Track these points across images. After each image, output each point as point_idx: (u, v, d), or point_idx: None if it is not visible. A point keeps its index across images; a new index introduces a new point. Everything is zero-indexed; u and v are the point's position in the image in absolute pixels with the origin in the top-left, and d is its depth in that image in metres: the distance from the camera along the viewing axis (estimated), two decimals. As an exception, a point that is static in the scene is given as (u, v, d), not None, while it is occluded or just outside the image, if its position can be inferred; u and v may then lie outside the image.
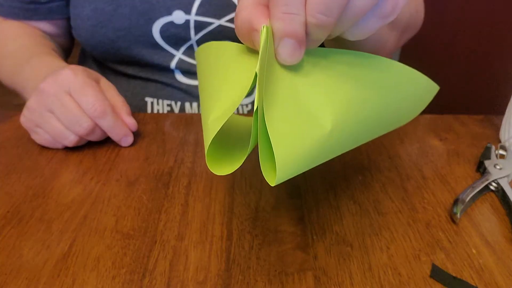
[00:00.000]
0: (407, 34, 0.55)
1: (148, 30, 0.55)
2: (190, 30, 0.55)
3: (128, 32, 0.55)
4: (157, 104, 0.60)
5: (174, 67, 0.58)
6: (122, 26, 0.55)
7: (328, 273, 0.31)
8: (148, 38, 0.55)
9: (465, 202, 0.37)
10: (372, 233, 0.35)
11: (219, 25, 0.55)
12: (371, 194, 0.40)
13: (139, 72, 0.60)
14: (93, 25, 0.55)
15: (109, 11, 0.54)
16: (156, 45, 0.56)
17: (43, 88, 0.43)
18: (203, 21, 0.55)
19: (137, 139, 0.48)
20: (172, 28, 0.55)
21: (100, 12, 0.54)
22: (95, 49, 0.58)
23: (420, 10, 0.55)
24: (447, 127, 0.52)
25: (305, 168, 0.25)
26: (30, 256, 0.33)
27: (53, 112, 0.43)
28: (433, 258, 0.33)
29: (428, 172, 0.43)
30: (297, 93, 0.25)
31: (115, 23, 0.54)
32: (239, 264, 0.32)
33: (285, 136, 0.23)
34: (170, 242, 0.34)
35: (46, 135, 0.44)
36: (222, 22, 0.55)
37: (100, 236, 0.34)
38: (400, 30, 0.51)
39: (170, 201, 0.38)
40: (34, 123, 0.44)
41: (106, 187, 0.40)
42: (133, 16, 0.54)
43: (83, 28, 0.57)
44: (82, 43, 0.60)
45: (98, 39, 0.56)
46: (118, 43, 0.56)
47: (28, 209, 0.37)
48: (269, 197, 0.39)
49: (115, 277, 0.31)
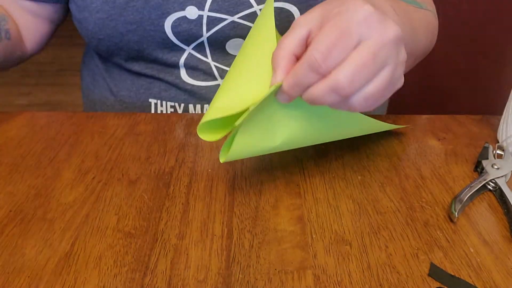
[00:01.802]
0: (419, 59, 0.55)
1: (160, 24, 0.54)
2: (203, 26, 0.54)
3: (139, 26, 0.54)
4: (161, 106, 0.60)
5: (182, 63, 0.58)
6: (133, 19, 0.53)
7: (327, 272, 0.32)
8: (159, 33, 0.55)
9: (463, 201, 0.38)
10: (371, 232, 0.36)
11: (232, 21, 0.54)
12: (370, 194, 0.40)
13: (145, 69, 0.59)
14: (102, 17, 0.54)
15: (121, 3, 0.53)
16: (166, 39, 0.55)
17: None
18: (216, 17, 0.54)
19: (139, 139, 0.48)
20: (184, 23, 0.54)
21: (111, 5, 0.53)
22: (101, 43, 0.57)
23: (434, 40, 0.55)
24: (445, 127, 0.52)
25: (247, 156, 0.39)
26: (32, 255, 0.33)
27: None
28: (431, 257, 0.33)
29: (426, 171, 0.44)
30: (272, 117, 0.36)
31: (126, 16, 0.53)
32: (239, 263, 0.32)
33: (248, 135, 0.36)
34: (171, 241, 0.34)
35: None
36: (235, 18, 0.54)
37: (101, 235, 0.35)
38: (414, 58, 0.51)
39: (171, 200, 0.39)
40: None
41: (107, 186, 0.41)
42: (146, 10, 0.53)
43: (91, 21, 0.55)
44: (87, 37, 0.58)
45: (107, 32, 0.55)
46: (128, 36, 0.55)
47: (30, 208, 0.38)
48: (269, 196, 0.40)
49: (116, 275, 0.31)
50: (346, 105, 0.32)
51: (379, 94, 0.31)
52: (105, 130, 0.50)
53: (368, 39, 0.30)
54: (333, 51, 0.29)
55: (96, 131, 0.50)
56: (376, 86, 0.31)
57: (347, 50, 0.30)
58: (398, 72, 0.32)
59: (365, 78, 0.30)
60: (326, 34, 0.30)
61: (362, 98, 0.31)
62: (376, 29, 0.30)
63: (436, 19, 0.56)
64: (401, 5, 0.45)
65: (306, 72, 0.30)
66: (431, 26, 0.52)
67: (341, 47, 0.30)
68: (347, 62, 0.30)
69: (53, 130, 0.50)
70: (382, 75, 0.31)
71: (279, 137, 0.37)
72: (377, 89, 0.31)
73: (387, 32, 0.30)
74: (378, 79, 0.31)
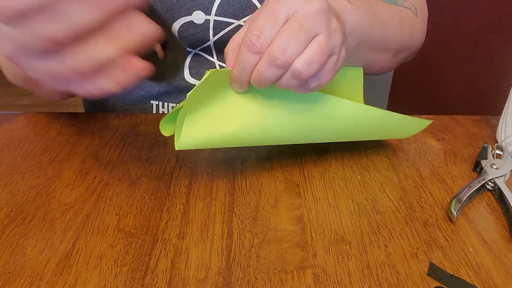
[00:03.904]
0: (402, 54, 0.55)
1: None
2: (209, 31, 0.55)
3: None
4: (162, 107, 0.61)
5: (187, 65, 0.58)
6: None
7: (327, 271, 0.32)
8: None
9: (462, 201, 0.38)
10: (371, 231, 0.36)
11: (238, 25, 0.55)
12: (369, 193, 0.40)
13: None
14: None
15: None
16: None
17: None
18: (223, 21, 0.55)
19: (139, 139, 0.49)
20: (191, 27, 0.55)
21: None
22: None
23: (416, 36, 0.55)
24: (444, 127, 0.52)
25: (206, 146, 0.38)
26: (33, 255, 0.33)
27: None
28: (430, 256, 0.34)
29: (426, 171, 0.44)
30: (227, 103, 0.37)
31: None
32: (239, 262, 0.33)
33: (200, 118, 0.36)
34: (171, 241, 0.34)
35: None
36: (241, 22, 0.55)
37: (102, 235, 0.35)
38: (392, 53, 0.52)
39: (172, 200, 0.39)
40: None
41: (108, 186, 0.41)
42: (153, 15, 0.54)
43: None
44: None
45: None
46: None
47: (31, 208, 0.38)
48: (269, 196, 0.40)
49: (117, 275, 0.31)
50: (293, 77, 0.33)
51: (319, 59, 0.33)
52: (105, 130, 0.50)
53: (294, 13, 0.33)
54: (264, 31, 0.32)
55: (96, 132, 0.50)
56: (312, 51, 0.33)
57: (276, 27, 0.32)
58: (334, 39, 0.34)
59: (297, 46, 0.32)
60: (257, 19, 0.33)
61: (303, 63, 0.32)
62: (300, 5, 0.33)
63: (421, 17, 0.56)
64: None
65: (245, 54, 0.33)
66: (407, 22, 0.53)
67: (271, 25, 0.32)
68: (277, 35, 0.32)
69: (54, 131, 0.50)
70: (316, 41, 0.33)
71: (234, 123, 0.37)
72: (314, 54, 0.33)
73: (311, 4, 0.33)
74: (312, 45, 0.33)
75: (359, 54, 0.46)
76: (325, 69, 0.34)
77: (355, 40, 0.43)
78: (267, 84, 0.34)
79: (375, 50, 0.49)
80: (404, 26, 0.52)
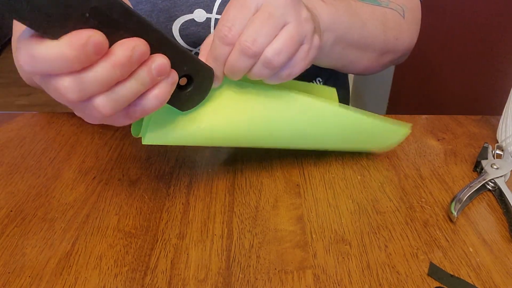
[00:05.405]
0: (389, 56, 0.55)
1: (168, 27, 0.55)
2: (211, 29, 0.55)
3: None
4: None
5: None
6: None
7: (327, 271, 0.32)
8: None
9: (462, 201, 0.38)
10: (371, 232, 0.36)
11: None
12: (369, 193, 0.40)
13: None
14: None
15: None
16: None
17: None
18: None
19: (139, 139, 0.49)
20: (192, 26, 0.55)
21: None
22: None
23: (402, 38, 0.55)
24: (445, 127, 0.52)
25: (175, 142, 0.36)
26: (33, 255, 0.33)
27: None
28: (430, 256, 0.34)
29: (426, 171, 0.44)
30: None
31: None
32: (239, 263, 0.33)
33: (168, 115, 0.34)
34: (171, 241, 0.34)
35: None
36: None
37: (102, 235, 0.35)
38: (376, 53, 0.52)
39: (172, 200, 0.39)
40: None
41: (108, 186, 0.41)
42: (154, 13, 0.54)
43: None
44: None
45: None
46: None
47: (31, 208, 0.38)
48: (269, 196, 0.40)
49: (117, 275, 0.31)
50: (264, 66, 0.34)
51: (288, 48, 0.33)
52: (105, 130, 0.50)
53: (263, 4, 0.33)
54: (235, 22, 0.33)
55: (96, 132, 0.50)
56: (282, 40, 0.33)
57: (247, 17, 0.33)
58: (304, 28, 0.34)
59: (267, 35, 0.33)
60: (228, 10, 0.34)
61: (273, 52, 0.33)
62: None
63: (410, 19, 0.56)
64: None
65: (218, 46, 0.34)
66: (392, 23, 0.53)
67: (241, 17, 0.33)
68: (247, 25, 0.33)
69: (54, 131, 0.50)
70: (286, 30, 0.33)
71: (204, 119, 0.35)
72: (284, 42, 0.33)
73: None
74: (282, 33, 0.33)
75: (339, 52, 0.47)
76: (296, 58, 0.35)
77: (332, 37, 0.43)
78: (240, 74, 0.34)
79: (357, 49, 0.49)
80: (387, 27, 0.52)
